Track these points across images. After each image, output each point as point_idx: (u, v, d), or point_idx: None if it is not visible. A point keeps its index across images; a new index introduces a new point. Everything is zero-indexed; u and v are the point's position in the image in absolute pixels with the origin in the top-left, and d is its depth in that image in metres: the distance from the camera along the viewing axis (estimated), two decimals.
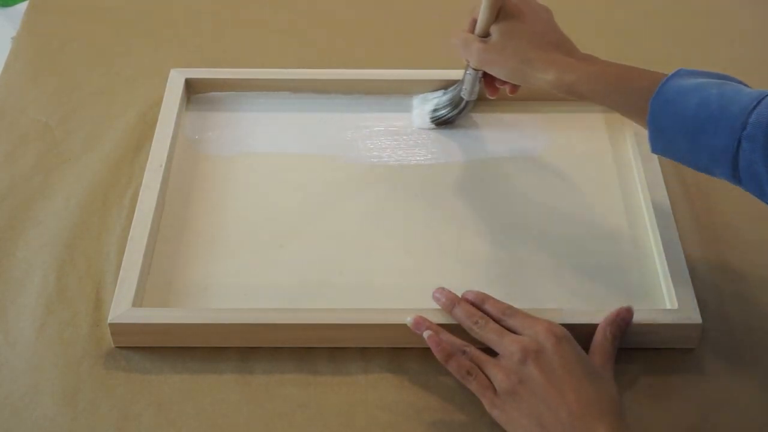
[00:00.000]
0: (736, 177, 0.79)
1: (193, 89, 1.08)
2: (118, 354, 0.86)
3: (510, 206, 0.98)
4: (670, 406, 0.84)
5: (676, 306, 0.87)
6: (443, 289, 0.87)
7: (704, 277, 0.92)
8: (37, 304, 0.90)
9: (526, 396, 0.78)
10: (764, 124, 0.76)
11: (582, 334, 0.82)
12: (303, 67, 1.10)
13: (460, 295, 0.86)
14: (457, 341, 0.83)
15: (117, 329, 0.86)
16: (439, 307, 0.86)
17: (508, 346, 0.80)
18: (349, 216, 0.97)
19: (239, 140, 1.04)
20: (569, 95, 0.89)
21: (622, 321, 0.84)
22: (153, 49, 1.16)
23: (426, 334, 0.83)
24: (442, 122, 1.04)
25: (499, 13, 0.93)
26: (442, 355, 0.83)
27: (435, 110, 1.04)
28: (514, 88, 0.99)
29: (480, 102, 1.04)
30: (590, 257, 0.93)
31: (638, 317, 0.85)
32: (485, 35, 0.94)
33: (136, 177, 0.99)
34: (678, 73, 0.83)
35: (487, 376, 0.81)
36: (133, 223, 0.93)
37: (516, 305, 0.84)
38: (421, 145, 1.04)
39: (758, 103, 0.77)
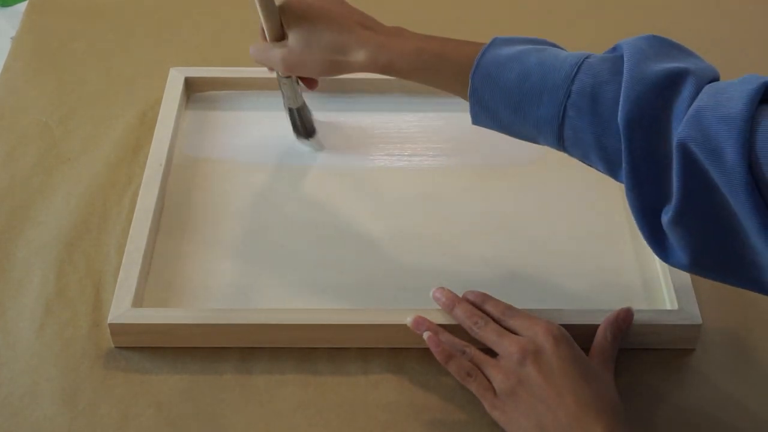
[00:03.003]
0: (561, 145, 0.78)
1: (192, 88, 1.08)
2: (118, 354, 0.86)
3: (510, 206, 0.98)
4: (670, 406, 0.84)
5: (676, 306, 0.87)
6: (443, 288, 0.87)
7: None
8: (37, 304, 0.90)
9: (525, 397, 0.78)
10: (588, 92, 0.74)
11: (582, 334, 0.82)
12: None
13: (460, 295, 0.86)
14: (457, 341, 0.83)
15: (117, 329, 0.86)
16: (439, 307, 0.86)
17: (507, 346, 0.80)
18: (349, 216, 0.97)
19: (239, 139, 1.04)
20: (387, 74, 0.86)
21: (622, 322, 0.84)
22: (153, 49, 1.16)
23: (426, 335, 0.83)
24: (305, 134, 1.02)
25: (285, 11, 0.89)
26: (442, 356, 0.83)
27: (294, 130, 1.02)
28: (313, 82, 0.97)
29: None
30: (590, 258, 0.93)
31: (638, 318, 0.85)
32: (280, 39, 0.90)
33: (136, 177, 0.99)
34: (494, 43, 0.81)
35: (486, 376, 0.81)
36: (133, 223, 0.93)
37: (516, 305, 0.84)
38: (421, 145, 1.04)
39: (578, 69, 0.75)
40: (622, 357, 0.84)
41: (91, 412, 0.82)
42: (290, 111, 1.00)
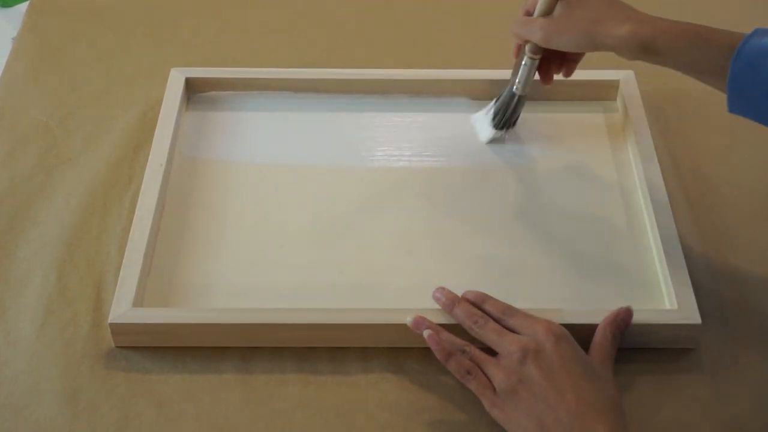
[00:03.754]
0: None
1: (193, 89, 1.08)
2: (119, 354, 0.86)
3: (510, 206, 0.98)
4: (670, 406, 0.84)
5: (675, 306, 0.87)
6: (443, 288, 0.87)
7: (704, 277, 0.92)
8: (37, 304, 0.90)
9: (525, 395, 0.78)
10: None
11: (582, 334, 0.82)
12: (303, 67, 1.10)
13: (460, 295, 0.86)
14: (457, 341, 0.83)
15: (117, 329, 0.86)
16: (439, 307, 0.86)
17: (507, 345, 0.81)
18: (349, 216, 0.97)
19: (239, 140, 1.04)
20: (642, 54, 0.86)
21: (622, 321, 0.84)
22: (153, 49, 1.16)
23: (426, 333, 0.83)
24: (503, 125, 1.02)
25: None
26: (442, 354, 0.83)
27: (495, 117, 1.02)
28: (570, 69, 0.97)
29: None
30: (590, 257, 0.93)
31: (638, 317, 0.85)
32: (548, 14, 0.92)
33: (136, 177, 0.99)
34: (756, 33, 0.81)
35: (487, 375, 0.81)
36: (133, 223, 0.93)
37: (516, 305, 0.84)
38: (422, 146, 1.04)
39: None
40: (622, 357, 0.84)
41: (91, 412, 0.83)
42: (512, 96, 0.99)
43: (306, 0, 1.25)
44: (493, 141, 1.03)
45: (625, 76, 1.07)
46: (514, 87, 0.98)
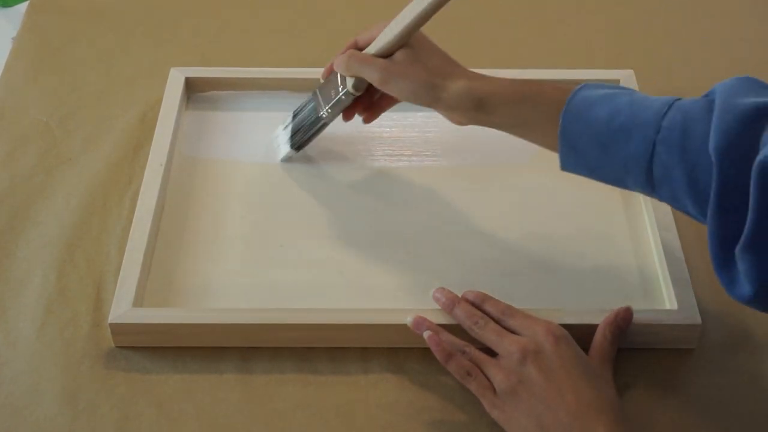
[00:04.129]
0: (650, 184, 0.78)
1: (193, 88, 1.08)
2: (119, 354, 0.86)
3: (510, 206, 0.98)
4: (670, 406, 0.84)
5: (675, 306, 0.87)
6: (443, 288, 0.87)
7: (704, 277, 0.92)
8: (37, 304, 0.90)
9: (525, 396, 0.78)
10: (678, 127, 0.75)
11: (582, 334, 0.82)
12: (303, 67, 1.10)
13: (460, 296, 0.86)
14: (457, 341, 0.83)
15: (117, 329, 0.86)
16: (439, 307, 0.86)
17: (507, 346, 0.81)
18: (349, 216, 0.97)
19: (239, 140, 1.04)
20: (475, 110, 0.86)
21: (622, 321, 0.85)
22: (153, 49, 1.16)
23: (426, 334, 0.83)
24: (300, 145, 1.01)
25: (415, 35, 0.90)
26: (442, 355, 0.83)
27: (293, 135, 1.01)
28: (374, 115, 0.97)
29: None
30: (590, 257, 0.93)
31: (638, 317, 0.85)
32: (386, 56, 0.90)
33: (136, 177, 0.99)
34: (585, 87, 0.82)
35: (486, 376, 0.81)
36: (133, 223, 0.93)
37: (516, 305, 0.84)
38: (421, 146, 1.04)
39: (669, 107, 0.77)
40: (622, 357, 0.85)
41: (91, 412, 0.83)
42: (317, 120, 0.98)
43: (306, 0, 1.25)
44: (287, 160, 1.02)
45: (625, 75, 1.07)
46: (322, 112, 0.97)
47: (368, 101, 0.97)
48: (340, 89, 0.94)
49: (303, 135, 1.00)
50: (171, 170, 1.00)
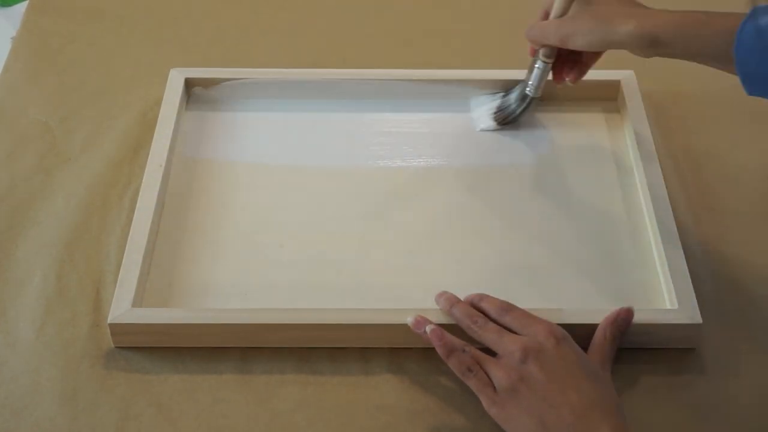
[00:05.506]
0: None
1: (193, 89, 1.08)
2: (118, 354, 0.86)
3: (510, 206, 0.98)
4: (670, 406, 0.84)
5: (676, 306, 0.87)
6: (444, 292, 0.87)
7: (704, 277, 0.92)
8: (37, 304, 0.90)
9: (526, 394, 0.78)
10: None
11: (582, 334, 0.82)
12: (303, 67, 1.10)
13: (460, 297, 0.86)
14: (458, 341, 0.83)
15: (117, 329, 0.86)
16: (439, 308, 0.86)
17: (508, 345, 0.80)
18: (349, 216, 0.97)
19: (239, 140, 1.04)
20: (651, 48, 0.87)
21: (622, 321, 0.84)
22: (153, 49, 1.16)
23: (428, 327, 0.83)
24: (507, 121, 1.04)
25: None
26: (444, 350, 0.82)
27: (499, 110, 1.04)
28: (581, 73, 0.98)
29: None
30: (590, 257, 0.93)
31: (638, 317, 0.85)
32: (563, 15, 0.94)
33: (136, 177, 0.99)
34: (754, 12, 0.81)
35: (487, 374, 0.81)
36: (133, 223, 0.93)
37: (517, 305, 0.84)
38: (421, 146, 1.04)
39: None
40: (622, 357, 0.84)
41: (91, 412, 0.83)
42: (525, 97, 1.01)
43: (306, 0, 1.25)
44: (486, 130, 1.04)
45: (626, 76, 1.07)
46: (527, 89, 1.00)
47: (572, 61, 0.98)
48: (536, 62, 0.98)
49: (511, 111, 1.03)
50: (171, 170, 1.00)
